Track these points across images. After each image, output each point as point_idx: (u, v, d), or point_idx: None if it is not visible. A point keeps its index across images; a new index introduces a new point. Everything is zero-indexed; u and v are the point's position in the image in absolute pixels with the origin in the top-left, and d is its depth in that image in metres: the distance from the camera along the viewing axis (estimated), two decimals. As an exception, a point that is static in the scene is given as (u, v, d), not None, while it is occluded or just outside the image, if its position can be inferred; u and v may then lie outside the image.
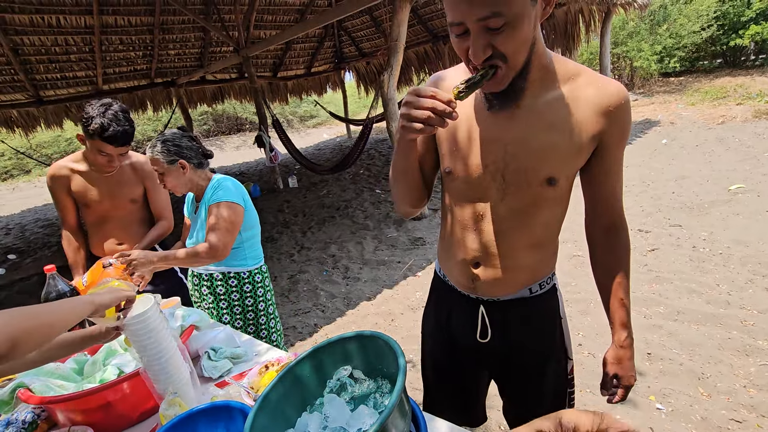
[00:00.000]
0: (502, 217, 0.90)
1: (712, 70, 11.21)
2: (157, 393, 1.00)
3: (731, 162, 5.01)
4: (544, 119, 0.82)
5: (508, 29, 0.68)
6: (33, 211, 8.60)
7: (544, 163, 0.83)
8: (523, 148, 0.83)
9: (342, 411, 0.84)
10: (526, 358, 1.01)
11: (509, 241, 0.91)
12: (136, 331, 0.95)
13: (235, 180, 1.62)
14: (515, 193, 0.87)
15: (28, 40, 5.91)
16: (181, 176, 1.53)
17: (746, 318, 2.30)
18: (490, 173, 0.87)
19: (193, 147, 1.57)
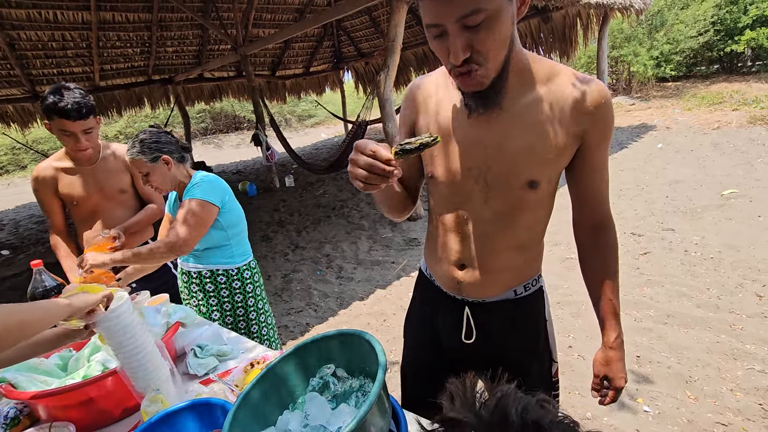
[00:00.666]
0: (486, 219, 0.90)
1: (709, 75, 11.28)
2: (137, 391, 1.00)
3: (725, 167, 5.04)
4: (524, 121, 0.81)
5: (487, 26, 0.67)
6: (27, 207, 8.56)
7: (525, 166, 0.83)
8: (503, 152, 0.83)
9: (323, 409, 0.84)
10: (510, 360, 0.99)
11: (493, 243, 0.91)
12: (110, 328, 0.93)
13: (217, 178, 1.59)
14: (497, 196, 0.87)
15: (24, 35, 5.89)
16: (167, 172, 1.52)
17: (735, 322, 2.32)
18: (472, 177, 0.87)
19: (172, 141, 1.56)
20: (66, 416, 1.01)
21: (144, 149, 1.48)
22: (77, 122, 1.58)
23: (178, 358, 1.30)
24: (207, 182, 1.52)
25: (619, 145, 6.97)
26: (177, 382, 1.04)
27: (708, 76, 11.21)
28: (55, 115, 1.55)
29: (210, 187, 1.51)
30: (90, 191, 1.79)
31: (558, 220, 4.48)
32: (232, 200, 1.60)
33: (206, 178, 1.55)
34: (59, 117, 1.55)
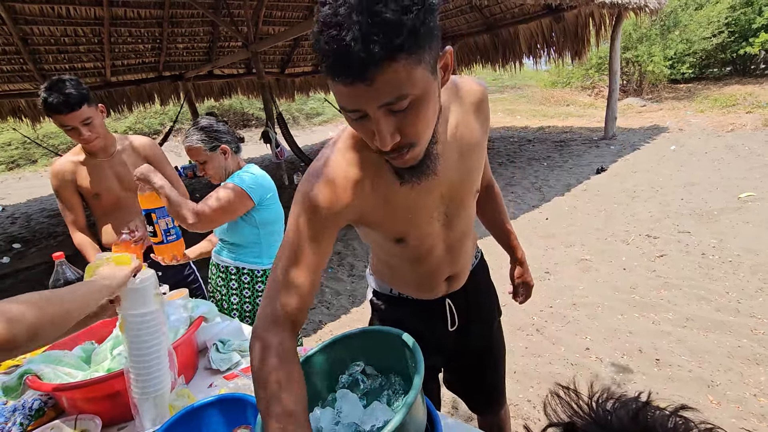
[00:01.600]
0: (455, 239, 0.96)
1: (722, 77, 11.15)
2: (132, 394, 0.96)
3: (741, 170, 4.97)
4: (456, 147, 0.82)
5: (414, 109, 0.60)
6: (39, 200, 8.63)
7: (475, 179, 0.91)
8: (455, 184, 0.86)
9: (355, 407, 0.82)
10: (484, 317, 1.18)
11: (463, 249, 1.02)
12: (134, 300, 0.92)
13: (264, 175, 1.56)
14: (458, 218, 0.93)
15: (37, 30, 5.92)
16: (222, 162, 1.53)
17: (756, 326, 2.27)
18: (435, 221, 0.89)
19: (230, 132, 1.57)
20: (91, 409, 1.00)
21: (204, 137, 1.49)
22: (70, 115, 1.55)
23: (200, 352, 1.29)
24: (253, 176, 1.51)
25: (632, 146, 6.90)
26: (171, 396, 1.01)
27: (720, 78, 11.08)
28: (50, 111, 1.54)
29: (253, 181, 1.50)
30: (110, 183, 1.77)
31: (571, 222, 4.43)
32: (273, 199, 1.57)
33: (254, 172, 1.53)
34: (53, 113, 1.54)
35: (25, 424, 1.04)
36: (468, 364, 1.22)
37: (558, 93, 13.62)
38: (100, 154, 1.76)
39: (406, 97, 0.58)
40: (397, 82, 0.56)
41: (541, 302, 2.80)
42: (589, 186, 5.19)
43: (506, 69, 8.96)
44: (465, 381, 1.27)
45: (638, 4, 6.40)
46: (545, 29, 7.70)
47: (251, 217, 1.54)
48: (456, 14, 8.26)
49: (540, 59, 8.35)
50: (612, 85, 7.37)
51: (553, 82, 14.64)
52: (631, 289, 2.81)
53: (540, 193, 5.20)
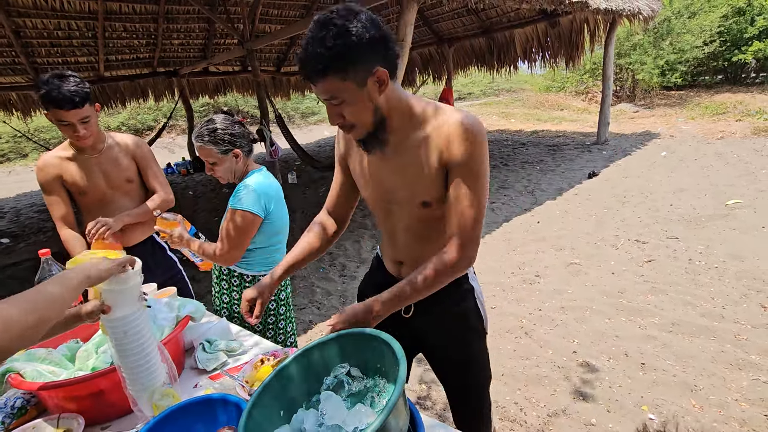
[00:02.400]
0: (403, 230, 1.11)
1: (713, 85, 11.30)
2: (129, 392, 0.97)
3: (729, 177, 5.04)
4: (411, 160, 0.99)
5: (344, 105, 0.89)
6: (29, 195, 8.53)
7: (416, 191, 1.01)
8: (399, 182, 1.03)
9: (339, 408, 0.83)
10: (451, 332, 1.20)
11: (414, 248, 1.12)
12: (114, 328, 0.92)
13: (267, 184, 1.52)
14: (405, 213, 1.07)
15: (30, 22, 5.86)
16: (234, 165, 1.50)
17: (740, 332, 2.31)
18: (382, 202, 1.10)
19: (244, 134, 1.52)
20: (75, 408, 1.00)
21: (217, 140, 1.45)
22: (71, 111, 1.54)
23: (186, 351, 1.29)
24: (252, 191, 1.45)
25: (623, 152, 6.97)
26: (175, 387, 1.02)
27: (712, 86, 11.24)
28: (50, 105, 1.51)
29: (255, 196, 1.45)
30: (96, 180, 1.76)
31: (562, 226, 4.47)
32: (278, 206, 1.54)
33: (258, 185, 1.48)
34: (54, 107, 1.51)
35: (7, 422, 1.03)
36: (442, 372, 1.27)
37: (552, 97, 13.72)
38: (88, 151, 1.74)
39: (336, 98, 0.88)
40: (328, 89, 0.87)
41: (530, 305, 2.83)
42: (580, 190, 5.24)
43: (501, 72, 9.02)
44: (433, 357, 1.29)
45: (632, 11, 6.48)
46: (540, 34, 7.76)
47: (261, 227, 1.52)
48: (452, 17, 8.30)
49: (535, 63, 8.42)
50: (605, 91, 7.44)
51: (547, 87, 14.75)
52: (619, 294, 2.84)
53: (532, 196, 5.24)
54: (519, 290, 3.03)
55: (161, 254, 1.96)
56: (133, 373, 0.95)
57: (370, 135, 0.96)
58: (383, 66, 0.87)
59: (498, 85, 18.13)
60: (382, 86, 0.90)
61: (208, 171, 1.53)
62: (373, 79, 0.88)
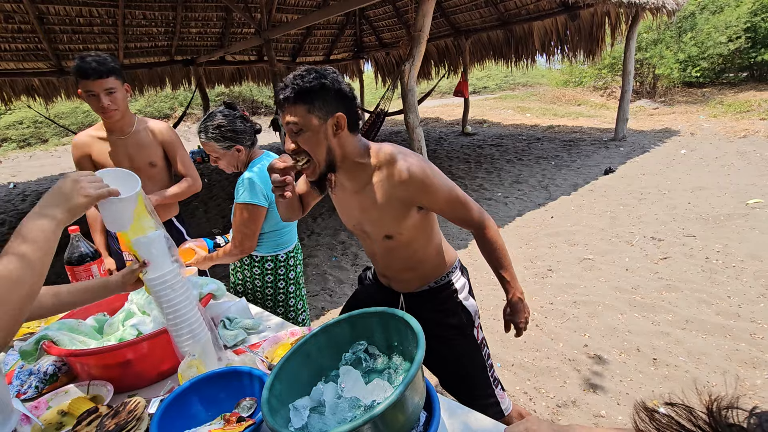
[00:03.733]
0: (381, 253, 1.26)
1: (738, 83, 10.97)
2: (179, 350, 1.02)
3: (750, 176, 4.93)
4: (368, 201, 1.14)
5: (303, 134, 1.03)
6: (49, 179, 8.74)
7: (379, 226, 1.18)
8: (363, 218, 1.19)
9: (357, 382, 0.86)
10: (436, 332, 1.27)
11: (393, 267, 1.29)
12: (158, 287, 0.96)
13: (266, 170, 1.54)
14: (376, 240, 1.22)
15: (53, 9, 5.97)
16: (236, 159, 1.57)
17: (756, 331, 2.29)
18: (356, 230, 1.27)
19: (247, 129, 1.57)
20: (104, 375, 1.04)
21: (219, 137, 1.50)
22: (96, 81, 1.63)
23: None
24: (252, 183, 1.50)
25: (642, 149, 6.85)
26: (219, 345, 1.06)
27: (736, 84, 10.91)
28: (77, 76, 1.62)
29: (255, 188, 1.50)
30: (121, 161, 1.84)
31: (576, 222, 4.42)
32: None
33: (254, 176, 1.51)
34: (80, 77, 1.62)
35: (40, 387, 1.09)
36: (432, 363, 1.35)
37: (569, 92, 13.49)
38: (116, 132, 1.83)
39: (296, 124, 1.02)
40: (294, 113, 1.02)
41: (541, 299, 2.83)
42: (596, 186, 5.18)
43: (519, 66, 8.89)
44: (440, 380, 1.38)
45: (656, 5, 6.32)
46: (560, 27, 7.61)
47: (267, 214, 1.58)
48: (470, 8, 8.19)
49: (553, 57, 8.27)
50: (625, 86, 7.30)
51: (565, 81, 14.49)
52: (633, 290, 2.82)
53: (547, 191, 5.19)
54: (531, 284, 3.03)
55: (179, 237, 2.03)
56: (181, 330, 1.00)
57: (321, 175, 1.10)
58: (344, 114, 1.04)
59: (514, 79, 17.87)
60: (339, 130, 1.05)
61: (213, 162, 1.59)
62: (333, 121, 1.04)
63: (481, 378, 1.32)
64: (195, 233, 2.14)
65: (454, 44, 9.27)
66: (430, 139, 9.50)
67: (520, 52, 8.49)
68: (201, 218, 5.33)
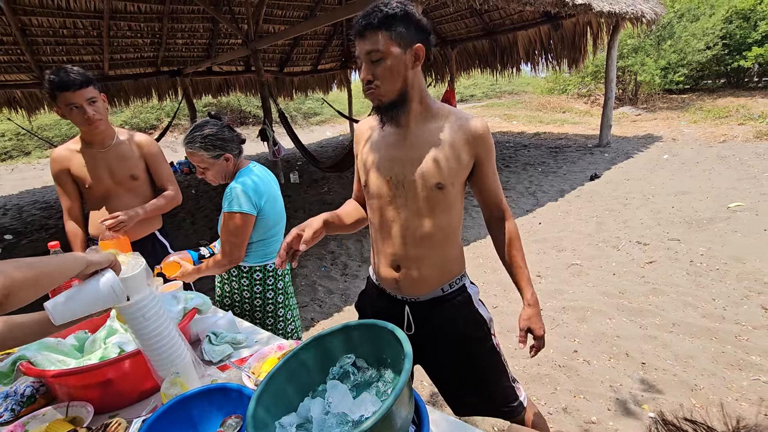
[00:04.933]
0: (408, 221, 1.14)
1: (716, 89, 11.30)
2: (158, 374, 1.00)
3: (731, 180, 5.05)
4: (429, 141, 1.10)
5: (382, 63, 1.01)
6: (31, 192, 8.56)
7: (432, 173, 1.09)
8: (414, 162, 1.10)
9: (345, 397, 0.84)
10: (450, 343, 1.22)
11: (418, 243, 1.15)
12: (131, 315, 0.93)
13: (253, 179, 1.53)
14: (414, 198, 1.12)
15: (36, 20, 5.89)
16: (224, 168, 1.54)
17: (740, 333, 2.32)
18: (393, 183, 1.13)
19: (233, 138, 1.56)
20: (84, 396, 1.01)
21: (208, 145, 1.48)
22: (78, 92, 1.62)
23: (193, 344, 1.31)
24: (240, 192, 1.48)
25: (625, 154, 6.98)
26: (197, 365, 1.04)
27: (714, 90, 11.23)
28: (57, 90, 1.60)
29: (243, 196, 1.48)
30: (101, 174, 1.80)
31: (564, 227, 4.46)
32: (270, 201, 1.55)
33: (243, 184, 1.49)
34: (61, 91, 1.60)
35: (16, 410, 1.05)
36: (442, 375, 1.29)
37: (555, 100, 13.73)
38: (96, 145, 1.79)
39: (378, 51, 1.00)
40: (377, 41, 1.00)
41: (531, 305, 2.84)
42: (582, 192, 5.25)
43: (504, 74, 9.04)
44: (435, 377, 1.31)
45: (635, 14, 6.49)
46: (543, 36, 7.77)
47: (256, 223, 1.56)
48: (456, 18, 8.32)
49: (538, 66, 8.43)
50: (608, 94, 7.45)
51: (550, 89, 14.76)
52: (620, 294, 2.85)
53: (534, 198, 5.25)
54: (520, 290, 3.04)
55: (162, 251, 1.99)
56: (160, 356, 0.97)
57: (390, 104, 1.06)
58: (423, 45, 1.03)
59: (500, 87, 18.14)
60: (416, 61, 1.04)
61: (200, 174, 1.56)
62: (412, 52, 1.03)
63: (502, 381, 1.25)
64: (182, 245, 2.10)
65: (441, 54, 9.39)
66: (419, 147, 9.54)
67: (506, 60, 8.64)
68: (188, 230, 5.26)
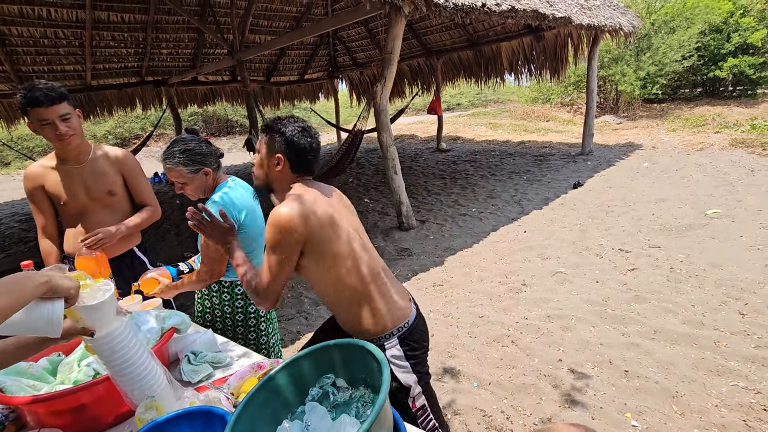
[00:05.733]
0: None
1: (693, 98, 11.65)
2: (130, 400, 0.97)
3: (708, 187, 5.19)
4: None
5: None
6: (10, 204, 8.34)
7: None
8: None
9: (323, 419, 0.84)
10: None
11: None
12: (99, 348, 0.90)
13: (231, 194, 1.53)
14: None
15: (16, 30, 5.81)
16: (203, 183, 1.53)
17: (719, 339, 2.37)
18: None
19: (212, 152, 1.55)
20: (56, 422, 0.98)
21: (187, 161, 1.47)
22: (50, 108, 1.57)
23: (171, 364, 1.28)
24: (222, 200, 1.48)
25: (607, 162, 7.13)
26: (175, 387, 1.02)
27: (692, 99, 11.58)
28: (28, 106, 1.55)
29: (228, 204, 1.48)
30: (76, 191, 1.76)
31: (548, 235, 4.50)
32: (251, 215, 1.54)
33: (219, 200, 1.49)
34: (32, 107, 1.55)
35: (-16, 438, 1.01)
36: None
37: (538, 109, 13.99)
38: (71, 161, 1.75)
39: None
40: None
41: (516, 314, 2.86)
42: (566, 200, 5.33)
43: (489, 84, 9.18)
44: None
45: (614, 27, 6.68)
46: (526, 47, 7.94)
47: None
48: (441, 30, 8.45)
49: (521, 76, 8.60)
50: (589, 103, 7.63)
51: (534, 98, 15.03)
52: (603, 302, 2.89)
53: (519, 206, 5.31)
54: (506, 299, 3.06)
55: (141, 267, 1.94)
56: (132, 385, 0.95)
57: None
58: None
59: (486, 96, 18.42)
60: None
61: (178, 190, 1.55)
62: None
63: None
64: (167, 256, 2.07)
65: (427, 64, 9.51)
66: (406, 155, 9.61)
67: (490, 71, 8.80)
68: (173, 241, 5.18)
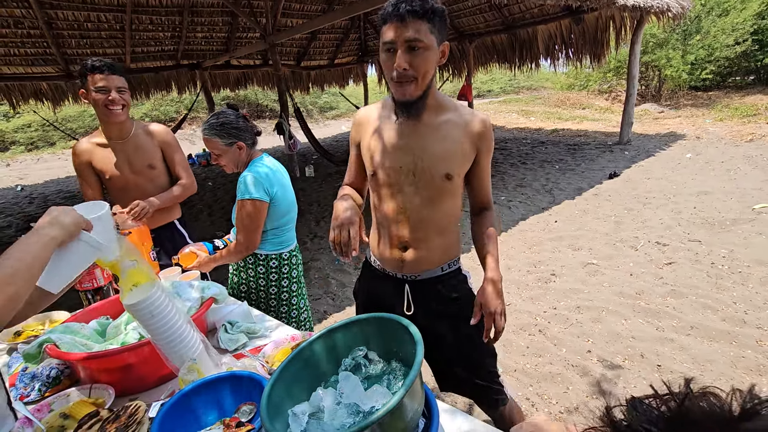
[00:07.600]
0: (418, 207, 1.20)
1: (744, 86, 10.91)
2: (171, 363, 1.03)
3: (757, 181, 4.88)
4: (438, 134, 1.16)
5: (422, 53, 1.03)
6: (56, 182, 8.83)
7: (442, 163, 1.16)
8: (427, 153, 1.16)
9: (356, 388, 0.86)
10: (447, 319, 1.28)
11: (424, 227, 1.22)
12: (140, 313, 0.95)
13: (268, 171, 1.60)
14: (424, 186, 1.18)
15: (62, 14, 6.04)
16: (237, 156, 1.62)
17: (762, 338, 2.26)
18: (404, 172, 1.19)
19: (248, 128, 1.64)
20: (106, 379, 1.05)
21: (222, 133, 1.56)
22: (110, 76, 1.72)
23: (209, 332, 1.34)
24: (252, 179, 1.54)
25: (647, 153, 6.81)
26: (212, 354, 1.07)
27: (743, 87, 10.85)
28: (91, 71, 1.70)
29: (255, 184, 1.54)
30: (120, 165, 1.89)
31: (580, 226, 4.39)
32: (281, 189, 1.61)
33: (259, 170, 1.57)
34: (94, 72, 1.70)
35: (42, 390, 1.10)
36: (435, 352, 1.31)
37: (574, 96, 13.46)
38: (115, 138, 1.87)
39: (419, 41, 1.01)
40: (418, 29, 1.00)
41: (545, 303, 2.81)
42: (600, 191, 5.15)
43: (523, 70, 8.88)
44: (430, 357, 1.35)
45: (660, 8, 6.29)
46: (564, 31, 7.61)
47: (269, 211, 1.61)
48: (474, 12, 8.20)
49: (557, 61, 8.27)
50: (630, 90, 7.27)
51: (569, 85, 14.47)
52: (637, 295, 2.80)
53: (550, 195, 5.17)
54: (534, 288, 3.01)
55: (181, 240, 2.04)
56: (170, 348, 1.00)
57: (417, 99, 1.10)
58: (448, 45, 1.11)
59: (518, 83, 17.88)
60: (442, 58, 1.10)
61: (214, 161, 1.65)
62: (441, 48, 1.08)
63: (491, 364, 1.34)
64: (199, 236, 2.15)
65: (458, 48, 9.27)
66: (434, 142, 9.50)
67: (524, 55, 8.49)
68: (205, 221, 5.36)
